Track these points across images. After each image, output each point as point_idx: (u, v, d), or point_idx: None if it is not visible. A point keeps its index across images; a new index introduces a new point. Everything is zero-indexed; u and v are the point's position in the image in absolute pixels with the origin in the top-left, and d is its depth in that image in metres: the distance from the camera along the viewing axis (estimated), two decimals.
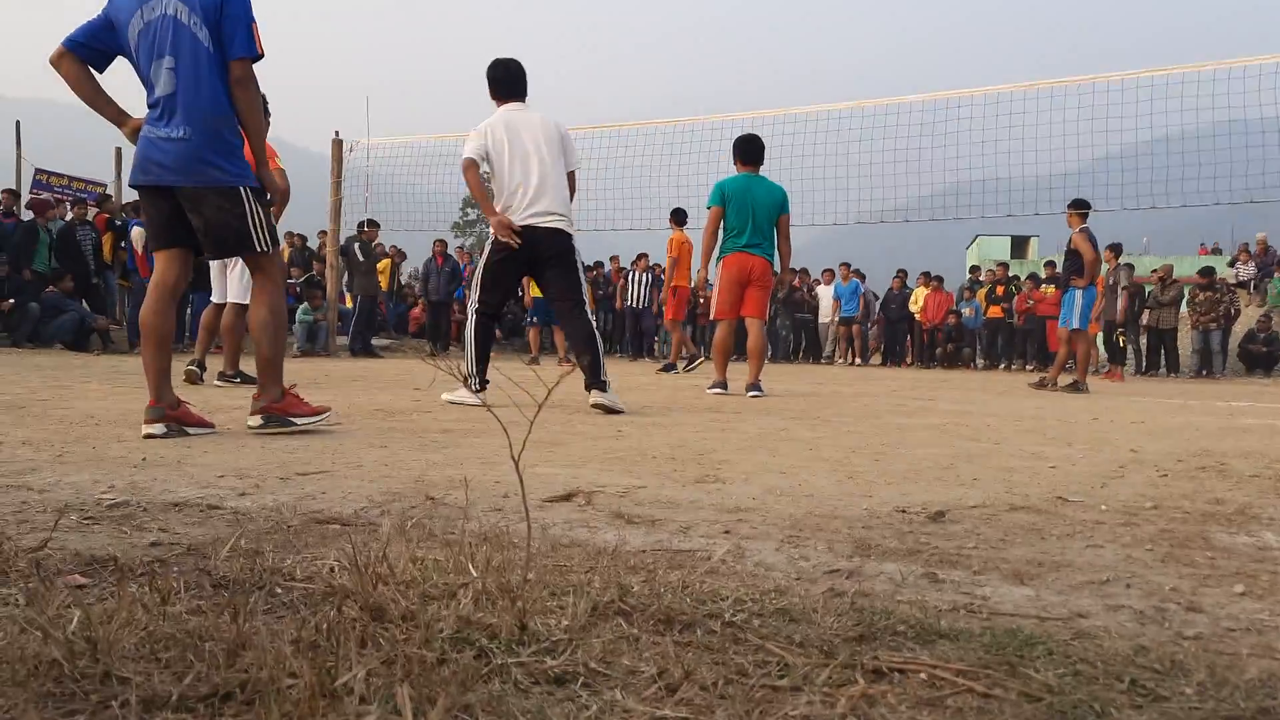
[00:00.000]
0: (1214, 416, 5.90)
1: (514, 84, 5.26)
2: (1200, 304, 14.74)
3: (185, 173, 3.39)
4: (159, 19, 3.38)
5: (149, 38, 3.40)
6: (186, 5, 3.38)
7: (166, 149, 3.39)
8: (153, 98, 3.43)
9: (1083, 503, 2.41)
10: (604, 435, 3.75)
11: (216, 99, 3.42)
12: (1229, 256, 19.80)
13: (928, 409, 5.87)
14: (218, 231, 3.47)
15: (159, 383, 3.43)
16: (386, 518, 1.95)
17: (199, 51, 3.38)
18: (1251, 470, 3.16)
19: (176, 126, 3.38)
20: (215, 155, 3.41)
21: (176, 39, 3.37)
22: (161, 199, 3.47)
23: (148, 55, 3.41)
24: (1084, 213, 9.38)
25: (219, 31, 3.40)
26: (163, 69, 3.38)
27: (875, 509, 2.25)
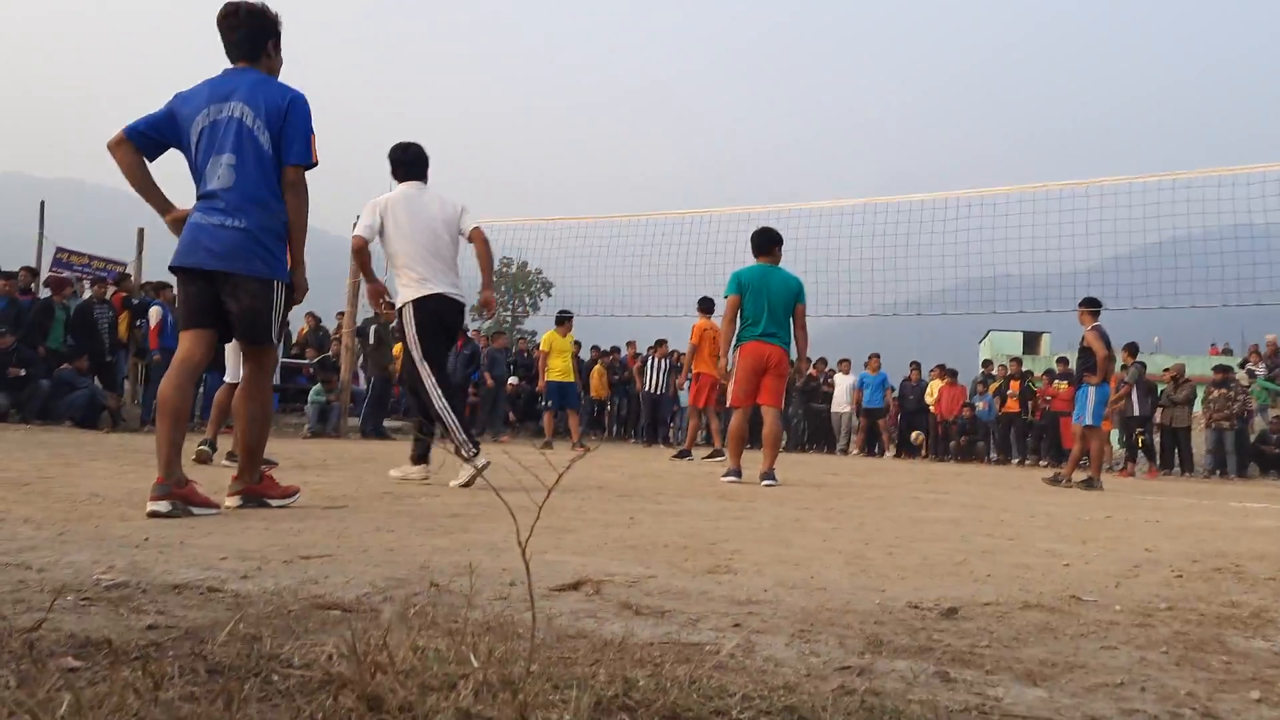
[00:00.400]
0: (1228, 517, 5.82)
1: (414, 165, 5.57)
2: (1215, 401, 14.67)
3: (232, 260, 3.60)
4: (225, 120, 3.64)
5: (213, 135, 3.64)
6: (253, 110, 3.63)
7: (219, 236, 3.59)
8: (207, 189, 3.64)
9: (1097, 602, 2.36)
10: (615, 522, 3.71)
11: (269, 198, 3.66)
12: (1240, 357, 19.77)
13: (942, 502, 5.81)
14: (248, 317, 3.67)
15: (170, 458, 3.47)
16: (389, 604, 1.92)
17: (260, 153, 3.63)
18: (1267, 573, 3.10)
19: (230, 217, 3.60)
20: (261, 248, 3.63)
21: (239, 139, 3.62)
22: (200, 282, 3.66)
23: (208, 150, 3.64)
24: (1095, 310, 9.42)
25: (280, 137, 3.66)
26: (222, 164, 3.61)
27: (888, 604, 2.21)
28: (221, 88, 3.70)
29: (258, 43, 3.78)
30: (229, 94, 3.67)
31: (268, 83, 3.74)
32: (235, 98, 3.66)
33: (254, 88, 3.68)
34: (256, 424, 3.88)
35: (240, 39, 3.76)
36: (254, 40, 3.77)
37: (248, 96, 3.65)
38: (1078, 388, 9.57)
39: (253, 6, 3.76)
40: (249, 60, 3.78)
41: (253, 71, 3.76)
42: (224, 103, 3.66)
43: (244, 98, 3.65)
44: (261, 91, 3.68)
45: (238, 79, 3.72)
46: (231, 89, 3.69)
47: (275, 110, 3.66)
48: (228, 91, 3.68)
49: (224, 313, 3.70)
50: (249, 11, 3.75)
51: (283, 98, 3.69)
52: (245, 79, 3.72)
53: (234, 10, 3.73)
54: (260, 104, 3.64)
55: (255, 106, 3.64)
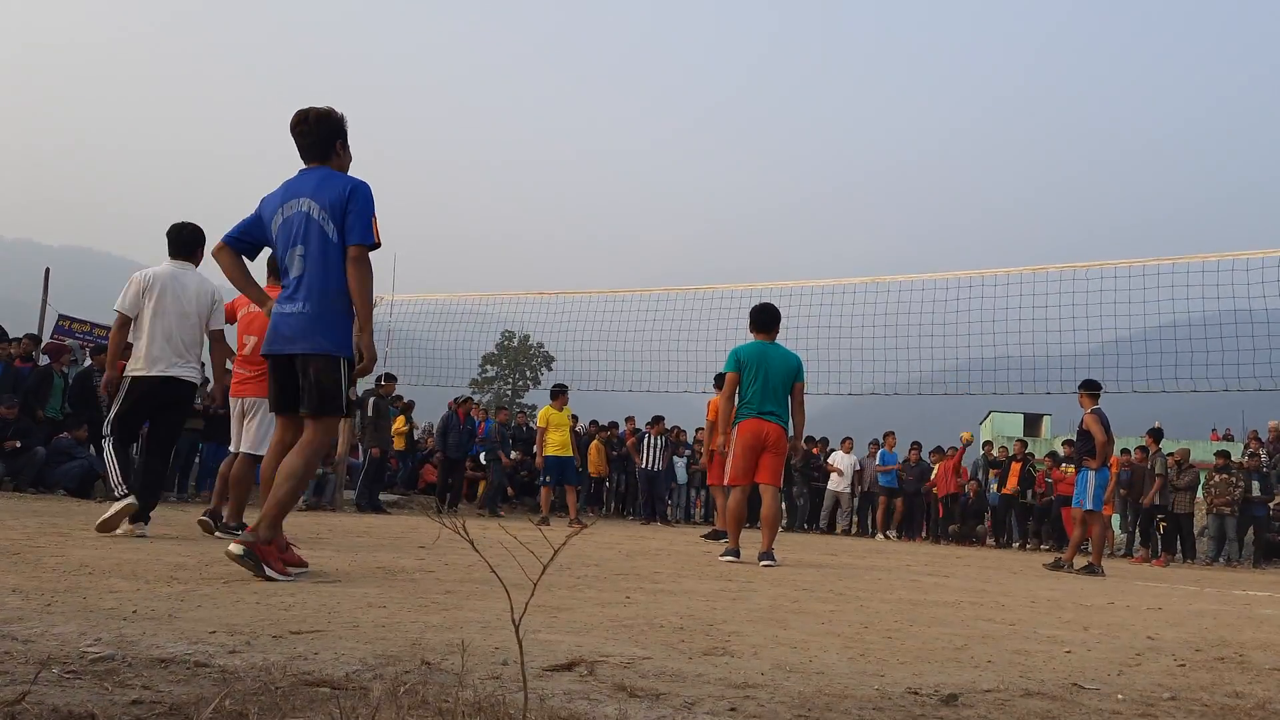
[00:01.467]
0: (1231, 605, 5.75)
1: (184, 245, 6.02)
2: (1215, 486, 14.58)
3: (301, 341, 3.99)
4: (295, 215, 4.06)
5: (288, 230, 4.07)
6: (319, 204, 4.02)
7: (290, 321, 4.01)
8: (285, 280, 4.08)
9: (1099, 690, 2.32)
10: (611, 601, 3.67)
11: (334, 281, 4.00)
12: (1241, 442, 19.72)
13: (942, 586, 5.74)
14: (316, 390, 4.00)
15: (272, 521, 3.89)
16: (378, 682, 1.89)
17: (325, 242, 4.01)
18: (1271, 663, 3.05)
19: (299, 302, 4.00)
20: (325, 327, 3.99)
21: (307, 231, 4.02)
22: (285, 368, 4.07)
23: (284, 244, 4.08)
24: (1095, 394, 9.43)
25: (344, 224, 4.01)
26: (295, 255, 4.03)
27: (887, 689, 2.17)
28: (294, 187, 4.12)
29: (327, 144, 4.18)
30: (299, 192, 4.08)
31: (332, 176, 4.11)
32: (304, 194, 4.06)
33: (320, 184, 4.07)
34: (295, 479, 3.99)
35: (311, 143, 4.16)
36: (324, 143, 4.17)
37: (314, 192, 4.04)
38: (1077, 471, 9.53)
39: (320, 112, 4.16)
40: (320, 161, 4.18)
41: (321, 169, 4.15)
42: (295, 199, 4.07)
43: (310, 193, 4.05)
44: (326, 186, 4.05)
45: (307, 177, 4.13)
46: (300, 186, 4.10)
47: (338, 200, 4.01)
48: (298, 190, 4.09)
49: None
50: (317, 118, 4.15)
51: (344, 188, 4.04)
52: (313, 177, 4.11)
53: (304, 118, 4.14)
54: (325, 198, 4.02)
55: (321, 200, 4.02)
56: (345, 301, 4.02)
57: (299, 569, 3.94)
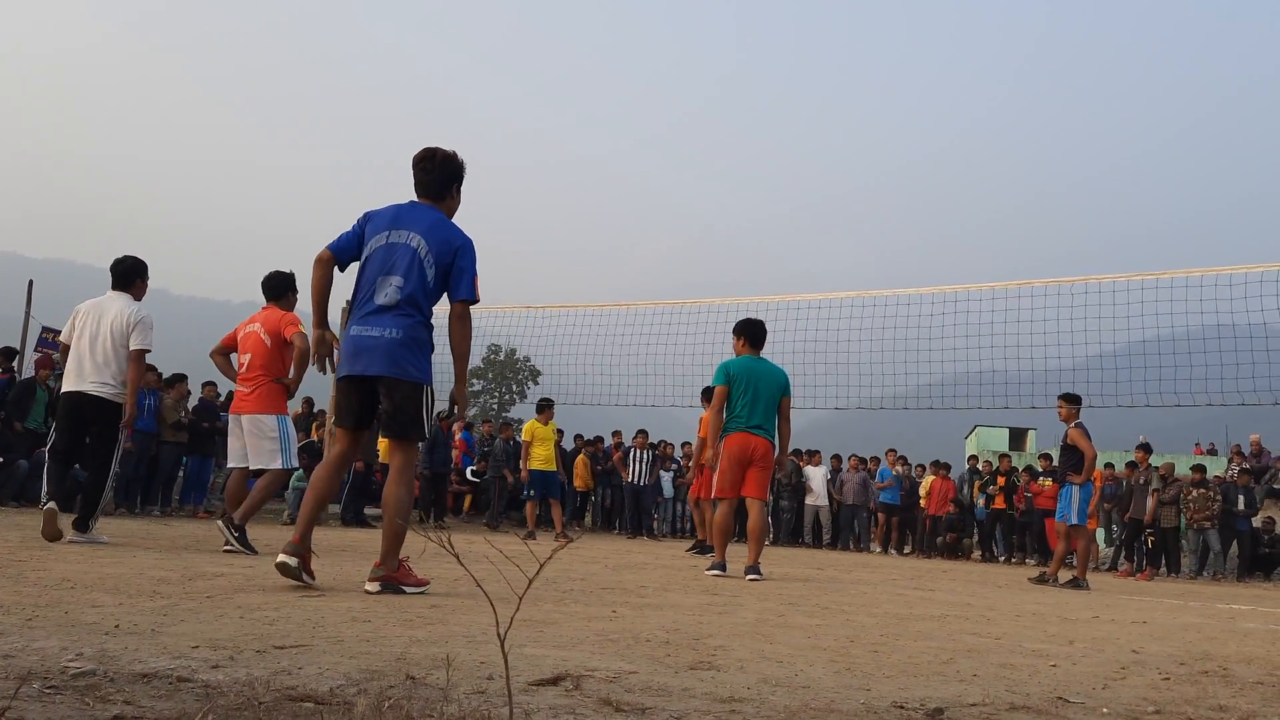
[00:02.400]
0: (1215, 619, 5.77)
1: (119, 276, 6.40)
2: (1194, 501, 14.64)
3: (389, 365, 4.07)
4: (401, 245, 4.13)
5: (388, 256, 4.14)
6: (428, 245, 4.13)
7: (378, 345, 4.06)
8: (372, 303, 4.12)
9: (1084, 704, 2.33)
10: (597, 615, 3.66)
11: (422, 318, 4.15)
12: (1224, 457, 19.81)
13: (928, 600, 5.75)
14: (399, 415, 4.12)
15: (305, 529, 4.11)
16: (363, 697, 1.88)
17: (424, 281, 4.11)
18: (1254, 677, 3.07)
19: (389, 329, 4.08)
20: (413, 355, 4.10)
21: (410, 265, 4.10)
22: (361, 388, 4.16)
23: (380, 267, 4.13)
24: (1076, 406, 9.46)
25: (448, 272, 4.16)
26: (391, 284, 4.09)
27: (872, 703, 2.17)
28: (405, 217, 4.21)
29: (445, 186, 4.32)
30: (411, 224, 4.17)
31: (446, 225, 4.24)
32: (415, 229, 4.16)
33: (433, 227, 4.18)
34: (403, 508, 4.17)
35: (431, 180, 4.29)
36: (443, 184, 4.31)
37: (426, 232, 4.15)
38: (1061, 486, 9.55)
39: (446, 154, 4.30)
40: (434, 199, 4.31)
41: (436, 211, 4.27)
42: (404, 230, 4.16)
43: (422, 232, 4.15)
44: (439, 231, 4.17)
45: (422, 214, 4.22)
46: (414, 220, 4.19)
47: (447, 250, 4.15)
48: (410, 221, 4.18)
49: (373, 412, 4.20)
50: (444, 158, 4.29)
51: (455, 241, 4.19)
52: (428, 217, 4.22)
53: (431, 155, 4.27)
54: (435, 242, 4.14)
55: (431, 243, 4.13)
56: (428, 337, 4.20)
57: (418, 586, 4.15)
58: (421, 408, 4.16)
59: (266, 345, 6.37)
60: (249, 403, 6.41)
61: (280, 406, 6.44)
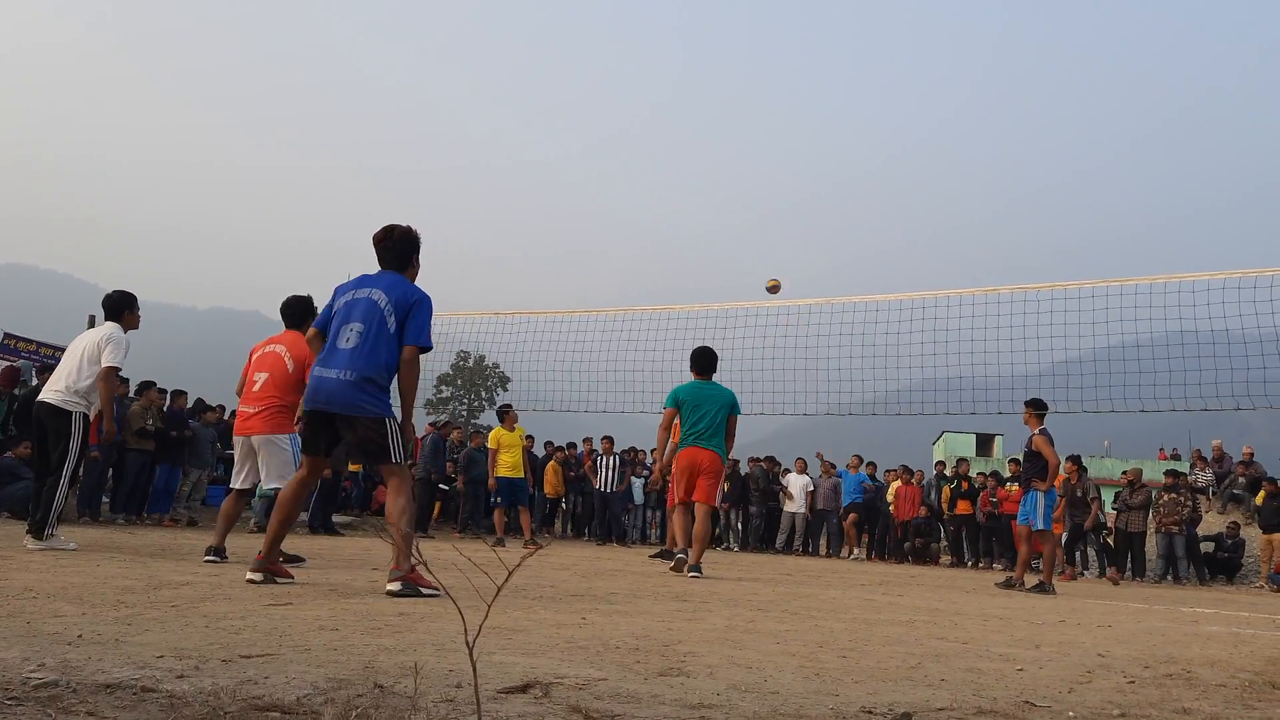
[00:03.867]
0: (1179, 623, 5.84)
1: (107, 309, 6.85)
2: (1165, 505, 14.82)
3: (342, 404, 4.52)
4: (363, 300, 4.63)
5: (350, 309, 4.64)
6: (387, 298, 4.60)
7: (335, 386, 4.51)
8: (335, 347, 4.57)
9: (1050, 709, 2.35)
10: (567, 622, 3.65)
11: (381, 359, 4.54)
12: (1188, 462, 20.08)
13: (896, 605, 5.78)
14: (367, 445, 4.57)
15: (272, 545, 4.67)
16: (330, 706, 1.86)
17: (383, 329, 4.56)
18: (1218, 679, 3.11)
19: (343, 370, 4.51)
20: (369, 395, 4.52)
21: (369, 314, 4.59)
22: (321, 420, 4.62)
23: (344, 318, 4.63)
24: (1042, 413, 9.57)
25: (404, 321, 4.58)
26: (352, 330, 4.56)
27: (841, 709, 2.18)
28: (369, 281, 4.73)
29: (406, 258, 4.82)
30: (374, 284, 4.69)
31: (405, 284, 4.72)
32: (378, 286, 4.67)
33: (393, 284, 4.67)
34: (406, 516, 4.55)
35: (392, 256, 4.79)
36: (403, 256, 4.81)
37: (386, 288, 4.65)
38: (1026, 492, 9.65)
39: (403, 230, 4.81)
40: (397, 269, 4.79)
41: (398, 276, 4.76)
42: (367, 289, 4.67)
43: (383, 288, 4.65)
44: (397, 288, 4.65)
45: (385, 278, 4.72)
46: (376, 281, 4.71)
47: (404, 302, 4.61)
48: (374, 282, 4.70)
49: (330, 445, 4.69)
50: (401, 235, 4.79)
51: (412, 296, 4.65)
52: (390, 278, 4.72)
53: (389, 234, 4.79)
54: (394, 296, 4.61)
55: (390, 296, 4.61)
56: (386, 379, 4.60)
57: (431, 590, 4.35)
58: (387, 436, 4.56)
59: (288, 369, 6.29)
60: (257, 423, 6.27)
61: (289, 427, 6.35)
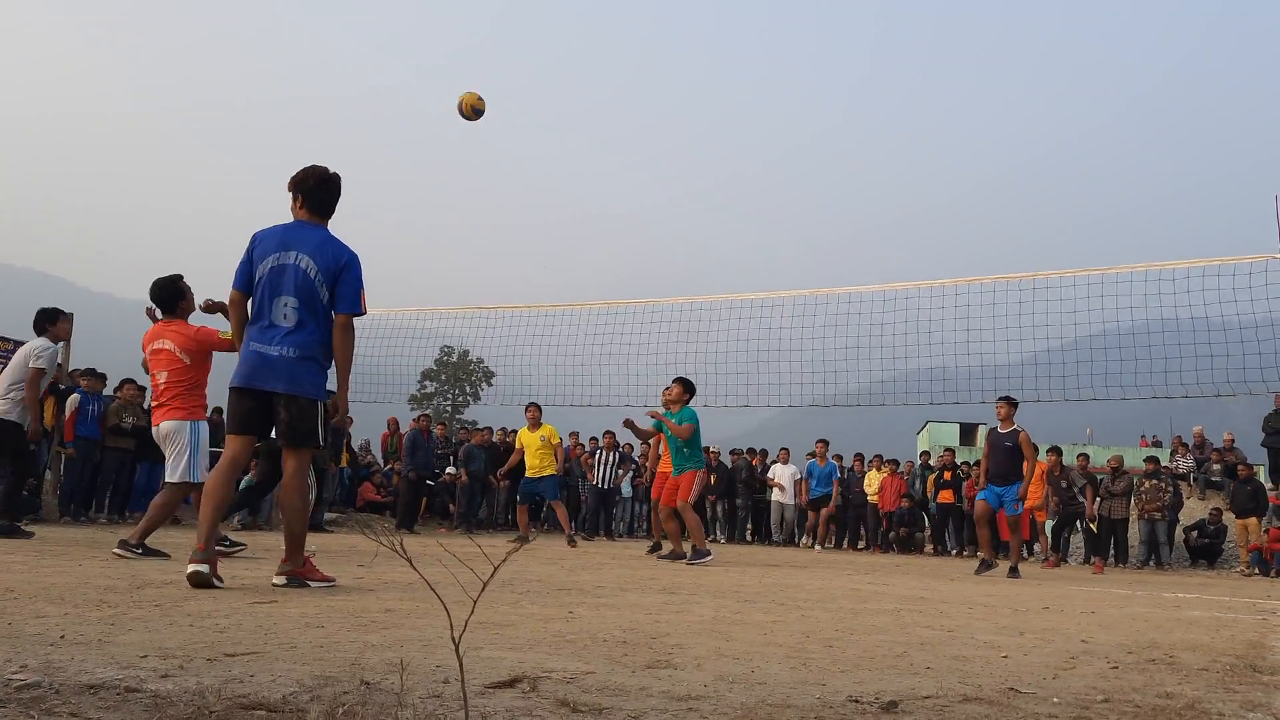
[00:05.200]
0: (1161, 608, 5.89)
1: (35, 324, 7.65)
2: (1146, 492, 14.92)
3: (289, 383, 4.32)
4: (291, 267, 4.35)
5: (279, 278, 4.35)
6: (316, 265, 4.36)
7: (274, 363, 4.31)
8: (270, 322, 4.35)
9: (1035, 694, 2.36)
10: (555, 617, 3.65)
11: (319, 335, 4.38)
12: (1169, 448, 20.21)
13: (881, 594, 5.81)
14: (298, 426, 4.35)
15: (209, 534, 4.27)
16: (316, 703, 1.86)
17: (316, 301, 4.36)
18: (1199, 664, 3.14)
19: (284, 347, 4.32)
20: (310, 373, 4.38)
21: (300, 286, 4.34)
22: (253, 398, 4.37)
23: (273, 289, 4.35)
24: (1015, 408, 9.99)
25: (334, 288, 4.39)
26: (286, 306, 4.33)
27: (828, 698, 2.19)
28: (292, 238, 4.42)
29: (330, 204, 4.57)
30: (297, 245, 4.39)
31: (332, 242, 4.46)
32: (302, 250, 4.37)
33: (320, 246, 4.40)
34: (300, 513, 4.47)
35: (323, 200, 4.52)
36: (327, 203, 4.55)
37: (313, 252, 4.38)
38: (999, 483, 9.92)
39: (336, 175, 4.56)
40: (321, 216, 4.54)
41: (322, 230, 4.50)
42: (291, 251, 4.37)
43: (310, 252, 4.37)
44: (326, 250, 4.40)
45: (307, 234, 4.44)
46: (300, 241, 4.41)
47: (334, 267, 4.39)
48: (298, 242, 4.40)
49: (267, 421, 4.41)
50: (337, 180, 4.55)
51: (341, 257, 4.42)
52: (314, 236, 4.44)
53: (324, 177, 4.51)
54: (323, 261, 4.36)
55: (319, 262, 4.36)
56: (325, 354, 4.43)
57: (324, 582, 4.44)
58: (318, 420, 4.43)
59: (185, 363, 6.10)
60: (163, 414, 6.16)
61: (195, 412, 6.18)
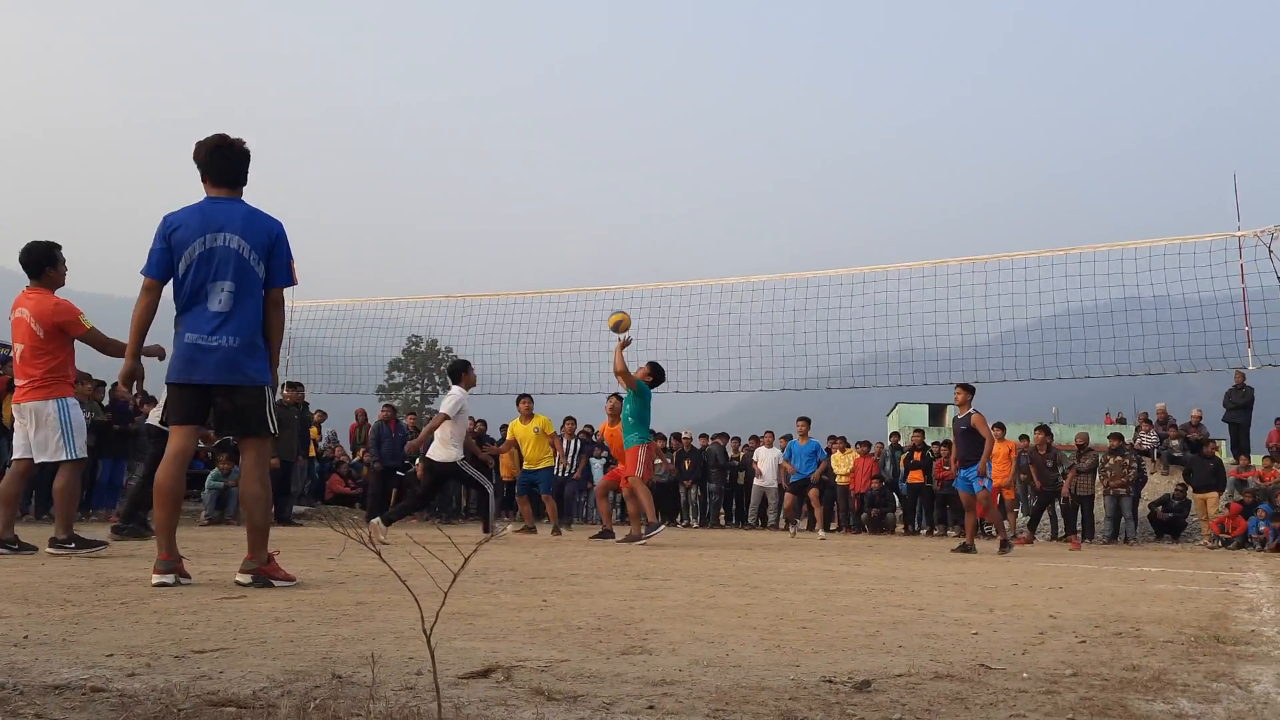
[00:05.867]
0: (1127, 582, 5.98)
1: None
2: (1111, 469, 15.12)
3: (232, 373, 4.11)
4: (222, 249, 4.12)
5: (211, 262, 4.11)
6: (249, 244, 4.15)
7: (216, 355, 4.09)
8: (206, 310, 4.11)
9: (1005, 670, 2.39)
10: (528, 605, 3.64)
11: (258, 317, 4.20)
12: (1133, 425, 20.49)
13: (854, 575, 5.85)
14: (247, 416, 4.17)
15: (170, 539, 4.08)
16: (287, 699, 1.84)
17: (255, 282, 4.17)
18: (1165, 636, 3.18)
19: (226, 336, 4.10)
20: (253, 360, 4.17)
21: (238, 269, 4.12)
22: (197, 391, 4.15)
23: (205, 275, 4.11)
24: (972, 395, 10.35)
25: (268, 264, 4.20)
26: (223, 290, 4.11)
27: (802, 679, 2.20)
28: (214, 217, 4.16)
29: (244, 173, 4.29)
30: (223, 224, 4.14)
31: (257, 215, 4.24)
32: (231, 229, 4.14)
33: (248, 222, 4.18)
34: (260, 503, 4.24)
35: (232, 168, 4.24)
36: (241, 171, 4.28)
37: (243, 230, 4.15)
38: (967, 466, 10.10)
39: (241, 141, 4.28)
40: (232, 188, 4.26)
41: (241, 203, 4.26)
42: (219, 232, 4.13)
43: (239, 230, 4.15)
44: (254, 226, 4.19)
45: (230, 210, 4.19)
46: (225, 219, 4.16)
47: (266, 243, 4.20)
48: (221, 222, 4.15)
49: (209, 411, 4.21)
50: (241, 146, 4.26)
51: (272, 231, 4.23)
52: (237, 211, 4.20)
53: (229, 144, 4.23)
54: (255, 238, 4.16)
55: (251, 240, 4.15)
56: (263, 340, 4.26)
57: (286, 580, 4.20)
58: (266, 407, 4.23)
59: (39, 336, 5.85)
60: (26, 391, 5.91)
61: (59, 388, 5.96)
